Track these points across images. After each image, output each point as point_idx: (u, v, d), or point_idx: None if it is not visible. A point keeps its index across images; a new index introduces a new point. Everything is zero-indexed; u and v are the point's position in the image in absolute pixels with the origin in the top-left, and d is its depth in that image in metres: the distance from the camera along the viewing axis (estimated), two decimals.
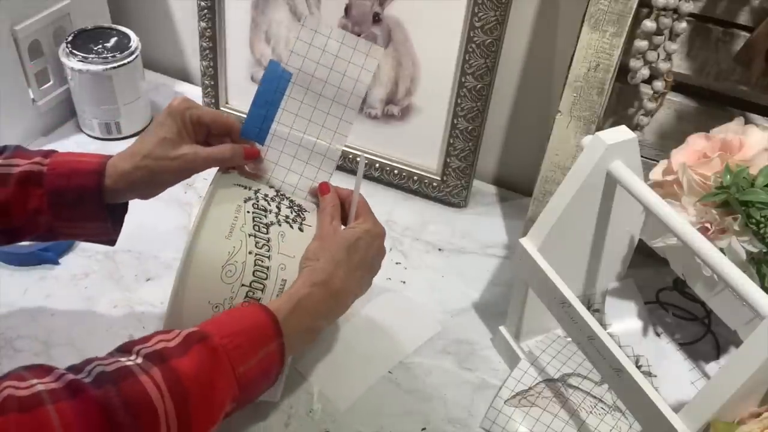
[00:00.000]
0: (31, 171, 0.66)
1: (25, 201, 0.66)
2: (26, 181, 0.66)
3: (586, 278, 0.80)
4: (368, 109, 1.03)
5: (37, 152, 0.69)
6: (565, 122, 0.82)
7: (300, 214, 0.70)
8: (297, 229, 0.68)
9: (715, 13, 0.74)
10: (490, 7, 0.88)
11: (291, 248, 0.67)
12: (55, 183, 0.67)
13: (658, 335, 0.83)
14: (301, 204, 0.72)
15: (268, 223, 0.67)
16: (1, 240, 0.69)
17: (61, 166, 0.67)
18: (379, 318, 0.87)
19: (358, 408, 0.77)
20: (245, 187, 0.71)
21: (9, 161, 0.67)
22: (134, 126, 1.10)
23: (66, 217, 0.68)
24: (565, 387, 0.76)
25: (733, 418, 0.57)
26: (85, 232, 0.71)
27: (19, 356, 0.79)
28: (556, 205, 0.71)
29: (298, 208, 0.71)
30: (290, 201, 0.71)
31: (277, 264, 0.66)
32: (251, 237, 0.66)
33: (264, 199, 0.70)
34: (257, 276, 0.65)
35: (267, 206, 0.69)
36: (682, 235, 0.61)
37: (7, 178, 0.66)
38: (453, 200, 1.04)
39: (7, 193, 0.66)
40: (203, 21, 1.04)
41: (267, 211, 0.68)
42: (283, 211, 0.69)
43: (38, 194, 0.66)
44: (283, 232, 0.67)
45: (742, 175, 0.67)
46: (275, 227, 0.67)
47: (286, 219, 0.69)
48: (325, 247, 0.67)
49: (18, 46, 1.00)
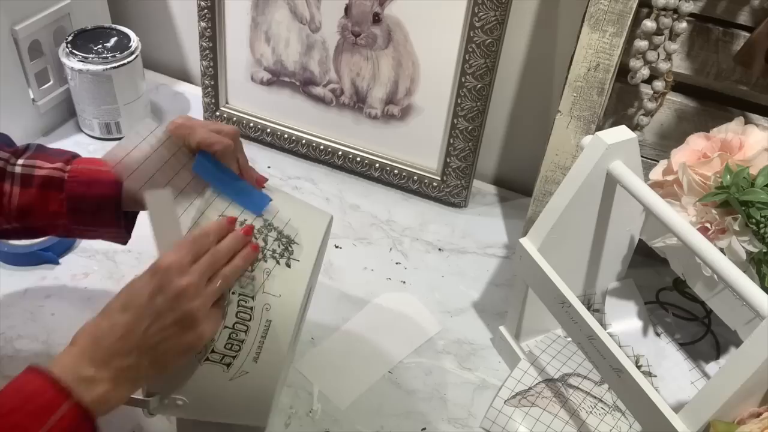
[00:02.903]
0: (52, 176, 0.68)
1: (45, 204, 0.68)
2: (48, 185, 0.68)
3: (586, 278, 0.80)
4: (368, 109, 1.03)
5: (59, 156, 0.71)
6: (565, 122, 0.82)
7: (288, 247, 0.66)
8: (284, 264, 0.65)
9: (715, 13, 0.74)
10: (490, 7, 0.88)
11: (276, 287, 0.64)
12: (76, 190, 0.69)
13: (658, 335, 0.83)
14: (290, 235, 0.67)
15: (254, 260, 0.65)
16: (21, 236, 0.72)
17: (81, 174, 0.69)
18: (379, 318, 0.88)
19: (358, 408, 0.77)
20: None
21: (32, 162, 0.69)
22: (134, 126, 1.10)
23: (83, 222, 0.70)
24: (565, 387, 0.76)
25: (733, 418, 0.57)
26: (99, 235, 0.73)
27: (19, 356, 0.79)
28: (556, 205, 0.71)
29: (287, 241, 0.67)
30: (278, 233, 0.66)
31: (262, 304, 0.63)
32: None
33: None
34: (240, 317, 0.62)
35: (253, 240, 0.66)
36: (682, 235, 0.61)
37: (30, 179, 0.68)
38: (453, 200, 1.04)
39: (29, 195, 0.68)
40: (203, 21, 1.04)
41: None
42: (270, 245, 0.65)
43: (59, 199, 0.69)
44: (269, 269, 0.64)
45: (742, 175, 0.67)
46: (261, 264, 0.64)
47: (273, 254, 0.65)
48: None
49: (18, 46, 1.00)
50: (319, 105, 1.06)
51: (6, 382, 0.54)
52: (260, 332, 0.62)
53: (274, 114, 1.09)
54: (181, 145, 0.66)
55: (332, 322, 0.86)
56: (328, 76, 1.03)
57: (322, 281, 0.90)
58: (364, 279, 0.92)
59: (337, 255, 0.95)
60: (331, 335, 0.84)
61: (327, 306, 0.88)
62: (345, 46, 0.99)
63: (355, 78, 1.01)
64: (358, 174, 1.07)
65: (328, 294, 0.89)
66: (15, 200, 0.68)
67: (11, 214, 0.68)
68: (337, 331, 0.85)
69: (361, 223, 1.00)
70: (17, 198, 0.68)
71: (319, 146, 1.07)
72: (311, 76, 1.04)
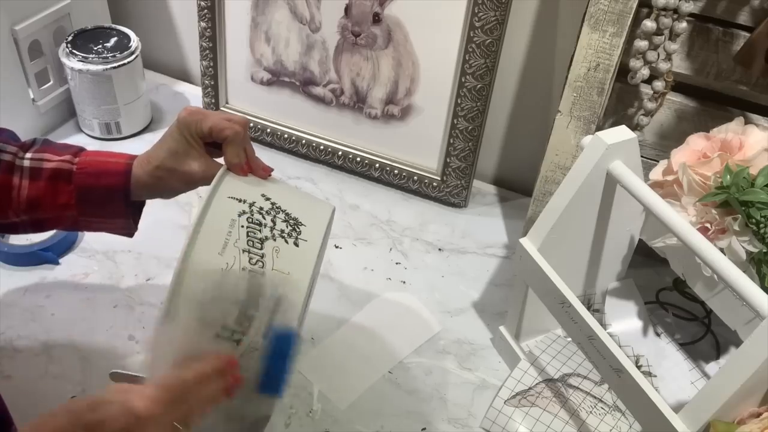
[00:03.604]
0: (61, 168, 0.69)
1: (55, 196, 0.69)
2: (57, 177, 0.69)
3: (586, 278, 0.80)
4: (368, 109, 1.03)
5: (66, 149, 0.71)
6: (565, 122, 0.82)
7: (296, 228, 0.68)
8: (292, 243, 0.66)
9: (715, 13, 0.74)
10: (490, 7, 0.88)
11: (286, 264, 0.65)
12: (85, 181, 0.69)
13: (658, 335, 0.83)
14: (298, 217, 0.69)
15: (262, 238, 0.65)
16: (29, 229, 0.72)
17: (90, 165, 0.70)
18: (379, 318, 0.88)
19: (358, 408, 0.77)
20: (240, 200, 0.69)
21: (41, 155, 0.70)
22: (134, 126, 1.10)
23: (92, 213, 0.71)
24: (565, 387, 0.76)
25: (733, 418, 0.57)
26: (107, 226, 0.74)
27: (19, 356, 0.79)
28: (556, 205, 0.71)
29: (294, 222, 0.68)
30: (286, 214, 0.68)
31: (271, 281, 0.64)
32: (245, 253, 0.65)
33: (259, 213, 0.68)
34: (250, 294, 0.64)
35: (262, 220, 0.67)
36: (682, 235, 0.61)
37: (39, 172, 0.69)
38: (453, 200, 1.04)
39: (39, 188, 0.69)
40: (203, 21, 1.04)
41: (262, 225, 0.67)
42: (278, 225, 0.67)
43: (68, 190, 0.69)
44: (278, 247, 0.65)
45: (742, 175, 0.67)
46: (270, 242, 0.65)
47: (281, 233, 0.66)
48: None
49: (18, 46, 1.00)
50: (319, 105, 1.06)
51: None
52: (269, 309, 0.63)
53: (274, 114, 1.09)
54: (188, 133, 0.68)
55: (332, 322, 0.86)
56: (328, 76, 1.03)
57: (322, 281, 0.90)
58: (364, 279, 0.92)
59: (337, 255, 0.95)
60: (331, 335, 0.84)
61: (327, 306, 0.88)
62: (345, 46, 0.99)
63: (355, 78, 1.01)
64: (358, 174, 1.07)
65: (328, 294, 0.89)
66: (24, 193, 0.69)
67: (20, 207, 0.69)
68: (337, 331, 0.85)
69: (361, 223, 1.00)
70: (26, 191, 0.69)
71: (319, 146, 1.07)
72: (311, 76, 1.04)
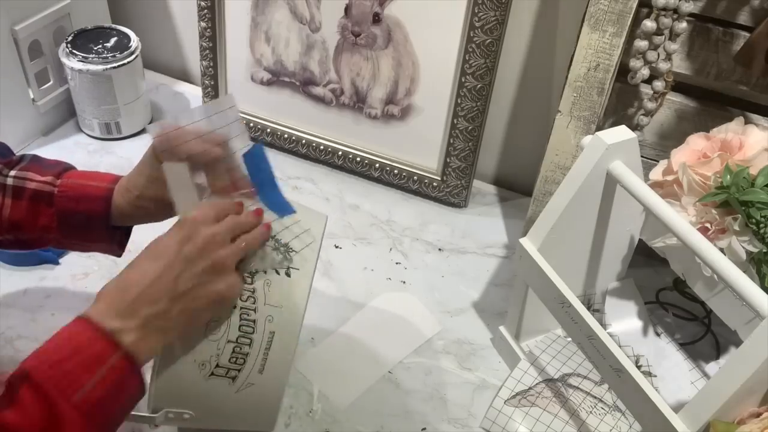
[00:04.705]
0: (42, 191, 0.69)
1: (35, 218, 0.69)
2: (38, 199, 0.69)
3: (586, 278, 0.80)
4: (368, 109, 1.03)
5: (52, 168, 0.70)
6: (565, 122, 0.82)
7: (287, 255, 0.66)
8: (284, 274, 0.65)
9: (715, 13, 0.74)
10: (490, 7, 0.88)
11: (277, 298, 0.64)
12: (65, 205, 0.69)
13: (658, 335, 0.83)
14: (288, 243, 0.67)
15: (253, 272, 0.64)
16: (14, 246, 0.72)
17: (71, 189, 0.69)
18: (379, 318, 0.88)
19: (358, 408, 0.77)
20: None
21: (24, 174, 0.69)
22: (134, 126, 1.10)
23: (74, 236, 0.71)
24: (565, 387, 0.76)
25: (733, 418, 0.57)
26: (91, 249, 0.74)
27: (19, 356, 0.78)
28: (556, 205, 0.71)
29: (285, 249, 0.66)
30: (276, 242, 0.66)
31: (264, 316, 0.63)
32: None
33: None
34: (243, 331, 0.62)
35: (252, 251, 0.66)
36: (682, 235, 0.61)
37: (21, 191, 0.68)
38: (453, 200, 1.04)
39: (21, 208, 0.68)
40: (203, 21, 1.04)
41: (252, 257, 0.67)
42: (269, 255, 0.65)
43: (48, 213, 0.69)
44: (269, 280, 0.64)
45: (742, 175, 0.67)
46: (260, 275, 0.64)
47: (272, 264, 0.65)
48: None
49: (18, 46, 1.00)
50: (319, 105, 1.06)
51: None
52: (264, 344, 0.63)
53: (274, 114, 1.09)
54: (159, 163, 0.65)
55: (332, 322, 0.86)
56: (328, 76, 1.03)
57: (322, 282, 0.90)
58: (364, 279, 0.92)
59: (337, 255, 0.95)
60: (331, 335, 0.84)
61: (327, 306, 0.88)
62: (345, 46, 0.99)
63: (355, 78, 1.01)
64: (358, 174, 1.07)
65: (327, 294, 0.89)
66: (7, 212, 0.68)
67: (3, 225, 0.69)
68: (337, 331, 0.85)
69: (361, 223, 1.00)
70: (9, 210, 0.68)
71: (319, 146, 1.07)
72: (311, 76, 1.04)
